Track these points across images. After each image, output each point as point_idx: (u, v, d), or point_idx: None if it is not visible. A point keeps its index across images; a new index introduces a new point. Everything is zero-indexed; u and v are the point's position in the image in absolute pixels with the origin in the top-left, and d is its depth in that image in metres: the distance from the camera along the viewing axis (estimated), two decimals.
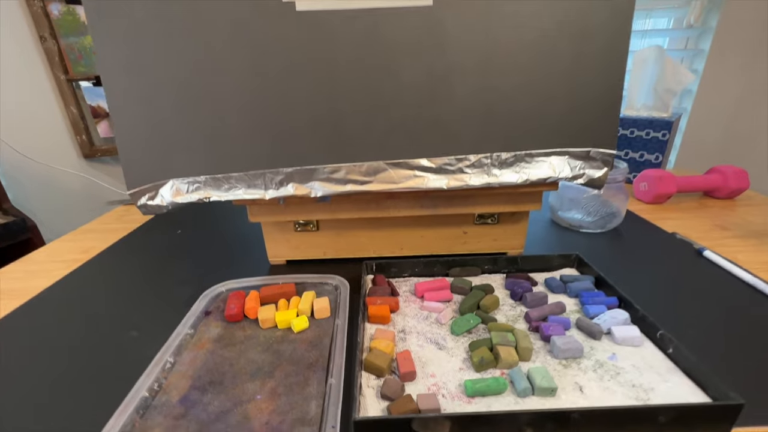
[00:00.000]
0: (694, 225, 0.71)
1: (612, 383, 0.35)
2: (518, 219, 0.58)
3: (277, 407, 0.34)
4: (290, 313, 0.45)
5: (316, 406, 0.34)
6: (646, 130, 0.89)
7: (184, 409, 0.34)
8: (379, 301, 0.46)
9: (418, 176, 0.46)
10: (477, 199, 0.52)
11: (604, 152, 0.45)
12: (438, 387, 0.35)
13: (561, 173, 0.46)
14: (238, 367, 0.39)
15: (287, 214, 0.54)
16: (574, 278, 0.49)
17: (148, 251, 0.68)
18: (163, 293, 0.54)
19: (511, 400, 0.33)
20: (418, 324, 0.44)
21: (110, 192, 1.54)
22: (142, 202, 0.46)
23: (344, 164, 0.46)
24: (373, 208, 0.53)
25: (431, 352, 0.39)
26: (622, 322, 0.41)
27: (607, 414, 0.30)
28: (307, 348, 0.41)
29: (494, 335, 0.39)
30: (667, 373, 0.35)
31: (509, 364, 0.37)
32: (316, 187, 0.46)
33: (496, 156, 0.46)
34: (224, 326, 0.45)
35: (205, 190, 0.47)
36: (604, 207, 0.67)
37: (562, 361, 0.37)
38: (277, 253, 0.60)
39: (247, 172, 0.46)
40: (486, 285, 0.49)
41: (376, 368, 0.36)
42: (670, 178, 0.80)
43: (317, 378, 0.37)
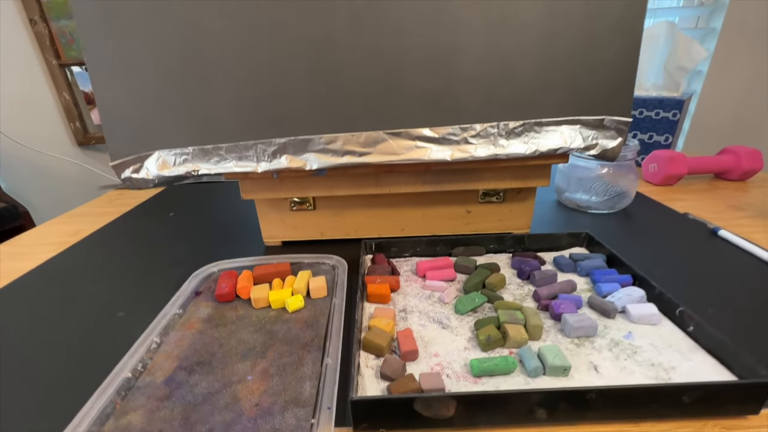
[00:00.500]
0: (706, 206, 0.68)
1: (629, 362, 0.32)
2: (525, 197, 0.55)
3: (269, 388, 0.32)
4: (285, 292, 0.42)
5: (311, 387, 0.31)
6: (655, 110, 0.86)
7: (168, 390, 0.32)
8: (378, 279, 0.43)
9: (420, 147, 0.43)
10: (482, 174, 0.50)
11: (619, 120, 0.42)
12: (442, 367, 0.33)
13: (572, 144, 0.43)
14: (228, 348, 0.36)
15: (281, 191, 0.51)
16: (585, 257, 0.47)
17: (138, 234, 0.65)
18: (153, 275, 0.52)
19: (521, 381, 0.31)
20: (420, 303, 0.41)
21: (105, 180, 1.51)
22: (126, 174, 0.43)
23: (341, 134, 0.43)
24: (372, 184, 0.50)
25: (434, 331, 0.37)
26: (638, 299, 0.38)
27: (626, 393, 0.27)
28: (302, 328, 0.39)
29: (501, 313, 0.36)
30: (688, 352, 0.33)
31: (518, 342, 0.34)
32: (311, 159, 0.44)
33: (503, 125, 0.43)
34: (215, 306, 0.43)
35: (194, 163, 0.44)
36: (613, 187, 0.64)
37: (575, 340, 0.35)
38: (273, 234, 0.58)
39: (237, 142, 0.43)
40: (492, 264, 0.46)
41: (376, 347, 0.34)
42: (681, 159, 0.77)
43: (312, 358, 0.35)
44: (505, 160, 0.45)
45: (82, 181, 1.52)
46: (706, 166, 0.79)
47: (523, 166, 0.48)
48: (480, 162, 0.46)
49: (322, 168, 0.44)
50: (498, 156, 0.43)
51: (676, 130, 0.86)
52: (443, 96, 0.42)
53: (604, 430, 0.28)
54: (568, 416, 0.28)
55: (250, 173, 0.45)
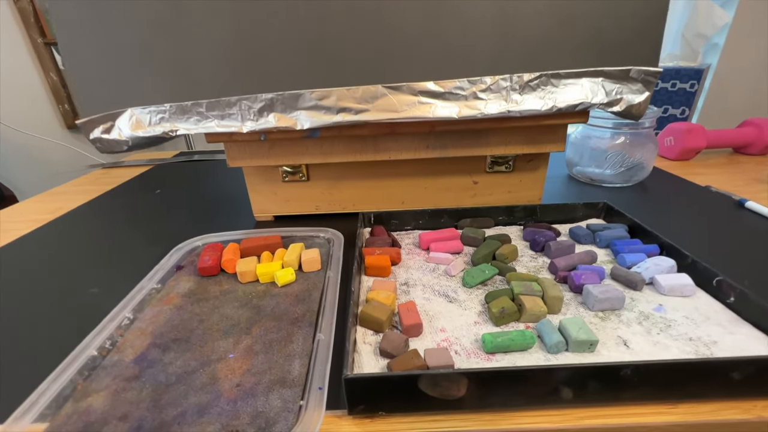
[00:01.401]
0: (727, 180, 0.64)
1: (663, 337, 0.28)
2: (536, 166, 0.51)
3: (253, 367, 0.28)
4: (274, 265, 0.38)
5: (301, 366, 0.28)
6: (672, 81, 0.81)
7: (138, 370, 0.28)
8: (378, 251, 0.39)
9: (424, 103, 0.39)
10: (490, 137, 0.45)
11: (647, 71, 0.37)
12: (450, 343, 0.29)
13: (594, 98, 0.38)
14: (209, 324, 0.33)
15: (271, 157, 0.46)
16: (604, 227, 0.43)
17: (122, 211, 0.61)
18: (133, 251, 0.47)
19: (540, 357, 0.27)
20: (424, 276, 0.37)
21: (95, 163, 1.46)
22: (95, 135, 0.38)
23: (335, 89, 0.38)
24: (371, 149, 0.46)
25: (440, 305, 0.33)
26: (668, 269, 0.34)
27: (667, 369, 0.23)
28: (292, 302, 0.35)
29: (516, 284, 0.32)
30: (730, 325, 0.29)
31: (536, 315, 0.30)
32: (301, 117, 0.39)
33: (516, 78, 0.38)
34: (197, 281, 0.39)
35: (172, 122, 0.39)
36: (629, 158, 0.60)
37: (599, 314, 0.31)
38: (264, 208, 0.54)
39: (219, 98, 0.38)
40: (502, 235, 0.42)
41: (374, 321, 0.30)
42: (700, 132, 0.72)
43: (303, 334, 0.31)
44: (518, 118, 0.40)
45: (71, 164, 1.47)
46: (725, 139, 0.75)
47: (537, 127, 0.44)
48: (489, 122, 0.41)
49: (314, 128, 0.39)
50: (511, 113, 0.39)
51: (693, 103, 0.81)
52: (449, 41, 0.37)
53: (637, 412, 0.24)
54: (598, 397, 0.24)
55: (235, 134, 0.41)
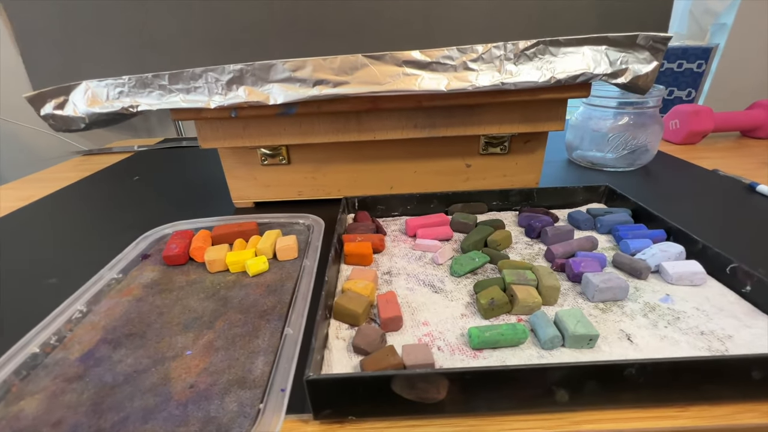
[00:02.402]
0: (735, 164, 0.61)
1: (671, 330, 0.25)
2: (533, 148, 0.47)
3: (211, 365, 0.25)
4: (245, 253, 0.35)
5: (264, 364, 0.25)
6: (678, 61, 0.77)
7: (83, 369, 0.25)
8: (359, 238, 0.36)
9: (409, 74, 0.35)
10: (484, 114, 0.42)
11: (656, 36, 0.33)
12: (432, 338, 0.26)
13: (597, 68, 0.35)
14: (169, 317, 0.30)
15: (246, 137, 0.43)
16: (606, 211, 0.39)
17: (95, 198, 0.58)
18: (101, 239, 0.44)
19: (533, 354, 0.24)
20: (409, 264, 0.34)
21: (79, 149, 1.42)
22: (47, 111, 0.35)
23: (310, 59, 0.35)
24: (354, 128, 0.42)
25: (424, 295, 0.30)
26: (676, 256, 0.31)
27: (678, 368, 0.20)
28: (263, 294, 0.32)
29: (508, 273, 0.29)
30: (746, 317, 0.26)
31: (529, 307, 0.27)
32: (274, 91, 0.35)
33: (511, 45, 0.34)
34: (163, 270, 0.36)
35: (132, 97, 0.36)
36: (633, 140, 0.56)
37: (599, 305, 0.28)
38: (243, 194, 0.50)
39: (182, 70, 0.35)
40: (495, 220, 0.39)
41: (349, 314, 0.27)
42: (707, 114, 0.68)
43: (271, 329, 0.28)
44: (513, 92, 0.37)
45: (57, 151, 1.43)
46: (734, 121, 0.71)
47: (534, 103, 0.40)
48: (482, 96, 0.37)
49: (289, 103, 0.36)
50: (505, 85, 0.35)
51: (699, 84, 0.77)
52: (436, 4, 0.34)
53: (641, 416, 0.21)
54: (597, 399, 0.21)
55: (203, 111, 0.37)
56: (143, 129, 1.27)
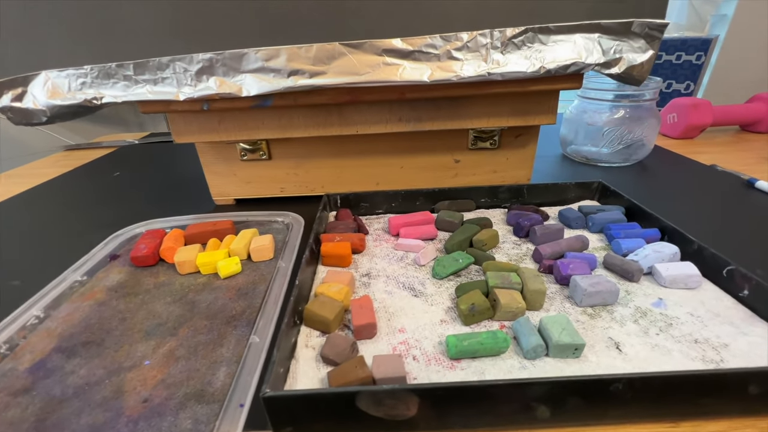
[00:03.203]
0: (734, 159, 0.59)
1: (663, 338, 0.24)
2: (524, 142, 0.45)
3: (169, 376, 0.23)
4: (217, 254, 0.33)
5: (226, 376, 0.23)
6: (677, 53, 0.75)
7: (31, 381, 0.23)
8: (338, 237, 0.34)
9: (390, 64, 0.33)
10: (472, 106, 0.40)
11: (652, 23, 0.31)
12: (408, 346, 0.24)
13: (589, 58, 0.33)
14: (131, 323, 0.28)
15: (222, 132, 0.41)
16: (598, 209, 0.38)
17: (72, 195, 0.56)
18: (72, 239, 0.42)
19: (515, 364, 0.22)
20: (389, 266, 0.32)
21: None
22: (4, 103, 0.33)
23: (284, 47, 0.32)
24: (335, 121, 0.40)
25: (403, 299, 0.28)
26: (670, 257, 0.30)
27: (668, 383, 0.19)
28: (233, 298, 0.30)
29: (491, 276, 0.28)
30: (743, 324, 0.24)
31: (512, 313, 0.25)
32: (247, 81, 0.33)
33: (498, 33, 0.32)
34: (131, 272, 0.34)
35: (96, 88, 0.34)
36: (629, 134, 0.54)
37: (588, 310, 0.26)
38: (223, 191, 0.48)
39: (148, 59, 0.33)
40: (482, 219, 0.37)
41: (320, 321, 0.25)
42: (706, 107, 0.66)
43: (237, 336, 0.26)
44: (500, 83, 0.35)
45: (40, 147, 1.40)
46: (733, 115, 0.69)
47: (523, 95, 0.38)
48: (468, 87, 0.35)
49: (263, 94, 0.34)
50: (491, 76, 0.33)
51: (698, 76, 0.75)
52: None
53: None
54: (581, 415, 0.20)
55: (173, 103, 0.35)
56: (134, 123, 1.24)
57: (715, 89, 0.90)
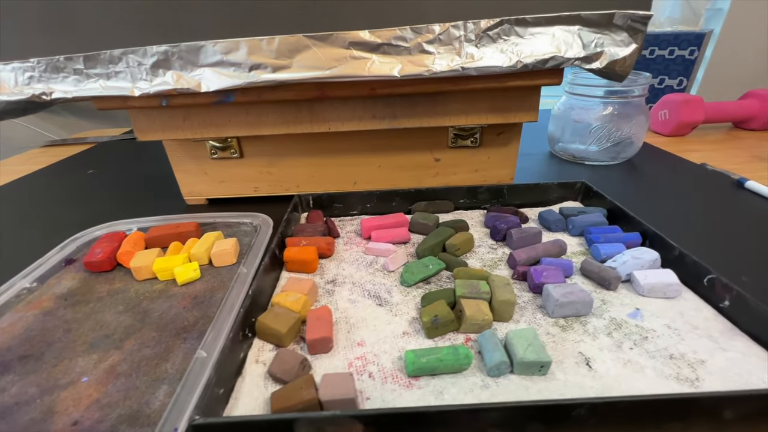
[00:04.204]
0: (725, 157, 0.57)
1: (636, 353, 0.22)
2: (506, 140, 0.44)
3: (105, 395, 0.21)
4: (175, 259, 0.32)
5: (166, 395, 0.21)
6: (669, 47, 0.73)
7: None
8: (304, 242, 0.32)
9: (357, 58, 0.31)
10: (450, 103, 0.38)
11: (634, 15, 0.30)
12: (365, 362, 0.23)
13: (568, 52, 0.31)
14: (76, 335, 0.26)
15: (187, 129, 0.39)
16: (579, 211, 0.36)
17: (39, 194, 0.54)
18: (30, 242, 0.40)
19: (477, 382, 0.21)
20: (357, 272, 0.31)
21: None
22: None
23: (244, 39, 0.30)
24: (306, 118, 0.38)
25: (366, 309, 0.27)
26: (650, 264, 0.28)
27: (634, 407, 0.17)
28: (187, 306, 0.28)
29: (459, 284, 0.26)
30: (722, 337, 0.23)
31: (478, 325, 0.24)
32: (206, 76, 0.31)
33: (471, 25, 0.30)
34: (84, 278, 0.32)
35: (45, 83, 0.32)
36: (617, 131, 0.52)
37: (560, 321, 0.25)
38: (194, 190, 0.46)
39: (100, 52, 0.31)
40: (458, 221, 0.36)
41: (273, 334, 0.23)
42: (698, 103, 0.65)
43: (185, 350, 0.24)
44: (476, 78, 0.33)
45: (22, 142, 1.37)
46: (725, 112, 0.67)
47: (503, 91, 0.36)
48: (444, 83, 0.34)
49: (224, 90, 0.32)
50: (466, 71, 0.31)
51: (692, 72, 0.73)
52: None
53: None
54: None
55: (129, 99, 0.33)
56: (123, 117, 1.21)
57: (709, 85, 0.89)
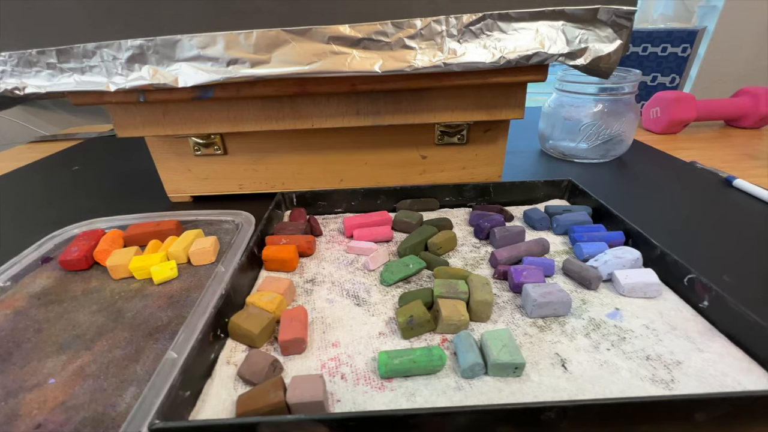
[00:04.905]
0: (716, 155, 0.57)
1: (613, 354, 0.22)
2: (493, 137, 0.43)
3: (71, 398, 0.21)
4: (152, 258, 0.31)
5: (133, 397, 0.21)
6: (662, 44, 0.72)
7: None
8: (284, 240, 0.32)
9: (338, 53, 0.30)
10: (434, 100, 0.37)
11: (619, 10, 0.29)
12: (339, 363, 0.22)
13: (552, 47, 0.30)
14: (47, 335, 0.26)
15: (167, 125, 0.38)
16: (564, 209, 0.36)
17: (21, 192, 0.53)
18: (7, 241, 0.40)
19: (450, 383, 0.20)
20: (337, 271, 0.30)
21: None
22: None
23: (221, 33, 0.30)
24: (288, 114, 0.38)
25: (344, 309, 0.26)
26: (631, 263, 0.28)
27: (605, 411, 0.17)
28: (162, 306, 0.28)
29: (438, 284, 0.26)
30: (700, 338, 0.22)
31: (455, 326, 0.23)
32: (183, 71, 0.31)
33: (454, 20, 0.30)
34: (60, 277, 0.31)
35: (17, 77, 0.31)
36: (606, 129, 0.52)
37: (538, 322, 0.24)
38: (177, 187, 0.46)
39: (73, 46, 0.30)
40: (442, 219, 0.35)
41: (245, 335, 0.23)
42: (690, 101, 0.64)
43: (156, 351, 0.24)
44: (461, 74, 0.32)
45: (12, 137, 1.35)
46: (717, 110, 0.67)
47: (487, 87, 0.36)
48: (427, 79, 0.33)
49: (202, 85, 0.31)
50: (448, 66, 0.31)
51: (684, 70, 0.73)
52: None
53: None
54: None
55: (105, 94, 0.32)
56: None
57: (703, 83, 0.88)
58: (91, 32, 0.30)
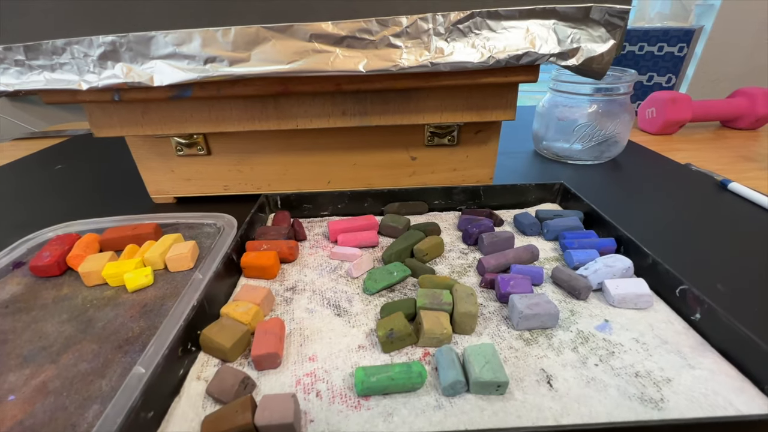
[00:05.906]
0: (711, 157, 0.56)
1: (601, 370, 0.21)
2: (485, 139, 0.42)
3: (30, 416, 0.20)
4: (127, 264, 0.30)
5: (95, 416, 0.20)
6: (659, 44, 0.71)
7: None
8: (265, 246, 0.31)
9: (320, 51, 0.29)
10: (423, 100, 0.36)
11: (612, 9, 0.28)
12: (314, 379, 0.21)
13: (543, 47, 0.29)
14: (12, 346, 0.24)
15: (146, 125, 0.37)
16: (555, 214, 0.35)
17: None
18: None
19: (430, 402, 0.20)
20: (320, 278, 0.29)
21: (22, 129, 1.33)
22: None
23: (197, 30, 0.28)
24: (272, 114, 0.37)
25: (324, 319, 0.25)
26: (622, 272, 0.27)
27: None
28: (134, 316, 0.27)
29: (422, 294, 0.25)
30: (692, 353, 0.21)
31: (437, 339, 0.22)
32: (158, 69, 0.29)
33: (441, 18, 0.29)
34: (31, 283, 0.30)
35: None
36: (601, 130, 0.51)
37: (525, 334, 0.23)
38: (160, 188, 0.44)
39: (41, 42, 0.28)
40: (430, 224, 0.34)
41: (217, 348, 0.22)
42: (686, 102, 0.63)
43: (124, 365, 0.23)
44: (449, 74, 0.31)
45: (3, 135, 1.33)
46: (713, 110, 0.66)
47: (477, 88, 0.35)
48: (415, 79, 0.32)
49: (178, 84, 0.30)
50: (436, 66, 0.29)
51: (681, 69, 0.72)
52: None
53: None
54: None
55: (78, 93, 0.31)
56: None
57: (700, 83, 0.87)
58: (62, 28, 0.29)
